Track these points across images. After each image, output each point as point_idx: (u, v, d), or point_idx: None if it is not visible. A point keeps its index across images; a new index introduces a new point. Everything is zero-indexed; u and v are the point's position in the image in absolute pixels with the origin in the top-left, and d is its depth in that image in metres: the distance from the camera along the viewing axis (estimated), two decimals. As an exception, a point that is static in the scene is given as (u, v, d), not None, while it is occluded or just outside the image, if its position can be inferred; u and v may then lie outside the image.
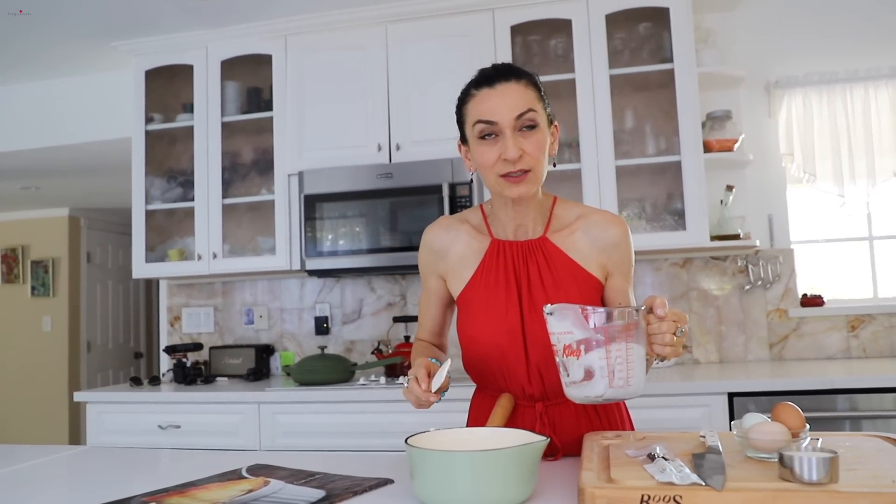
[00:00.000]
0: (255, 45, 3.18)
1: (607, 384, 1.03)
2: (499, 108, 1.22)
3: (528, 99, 1.23)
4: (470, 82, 1.30)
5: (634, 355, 1.04)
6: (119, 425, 2.86)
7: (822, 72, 2.98)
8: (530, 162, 1.23)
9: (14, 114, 3.88)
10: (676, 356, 1.09)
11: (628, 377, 1.03)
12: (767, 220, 3.02)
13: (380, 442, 2.55)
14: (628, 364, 1.03)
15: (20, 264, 6.13)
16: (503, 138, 1.22)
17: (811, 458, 0.86)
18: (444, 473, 0.93)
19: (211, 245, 3.16)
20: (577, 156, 2.91)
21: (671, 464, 0.95)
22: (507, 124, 1.21)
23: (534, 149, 1.23)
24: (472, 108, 1.26)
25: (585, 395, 1.05)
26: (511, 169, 1.22)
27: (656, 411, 2.34)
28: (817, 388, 2.30)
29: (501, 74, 1.25)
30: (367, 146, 3.00)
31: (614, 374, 1.03)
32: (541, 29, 3.05)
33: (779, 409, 1.03)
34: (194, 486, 1.15)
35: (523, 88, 1.24)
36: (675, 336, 1.05)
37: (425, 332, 1.49)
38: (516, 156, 1.21)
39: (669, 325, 1.04)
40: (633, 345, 1.03)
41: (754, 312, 2.99)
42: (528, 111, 1.22)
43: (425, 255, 1.44)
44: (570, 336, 1.04)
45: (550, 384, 1.30)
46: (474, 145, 1.27)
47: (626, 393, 1.05)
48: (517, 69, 1.27)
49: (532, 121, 1.23)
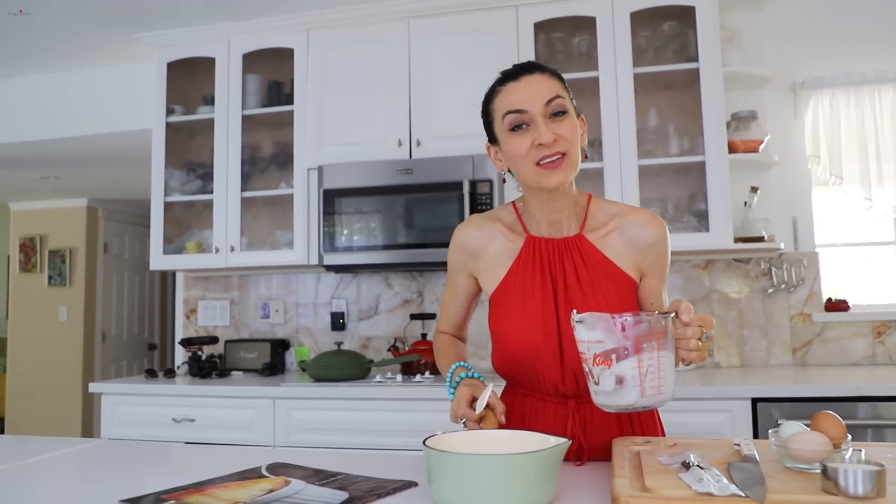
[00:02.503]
0: (278, 38, 3.16)
1: (639, 393, 1.01)
2: (527, 97, 1.22)
3: (554, 87, 1.24)
4: (495, 81, 1.31)
5: (666, 363, 1.02)
6: (133, 417, 2.86)
7: (849, 73, 2.93)
8: (565, 145, 1.22)
9: (36, 104, 3.89)
10: (702, 360, 1.07)
11: (660, 385, 1.01)
12: (792, 223, 2.97)
13: (395, 440, 2.53)
14: (660, 372, 1.01)
15: (38, 253, 6.16)
16: (535, 125, 1.22)
17: (857, 471, 0.82)
18: (465, 476, 0.90)
19: (229, 238, 3.15)
20: (599, 155, 2.87)
21: (707, 473, 0.92)
22: (538, 111, 1.22)
23: (567, 132, 1.22)
24: (500, 102, 1.26)
25: (616, 403, 1.03)
26: (546, 153, 1.21)
27: (678, 416, 2.29)
28: (843, 394, 2.25)
29: (525, 69, 1.26)
30: (387, 141, 2.98)
31: (646, 382, 1.00)
32: (564, 26, 3.01)
33: (819, 417, 1.00)
34: (213, 485, 1.13)
35: (548, 79, 1.25)
36: (700, 341, 1.03)
37: (448, 325, 1.52)
38: (551, 139, 1.20)
39: (695, 330, 1.03)
40: (664, 353, 1.01)
41: (777, 316, 2.94)
42: (556, 97, 1.23)
43: (457, 253, 1.43)
44: (601, 346, 1.02)
45: (584, 384, 1.26)
46: (505, 138, 1.26)
47: (658, 401, 1.03)
48: (541, 64, 1.28)
49: (561, 106, 1.23)
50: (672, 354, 1.03)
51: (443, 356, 1.45)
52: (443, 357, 1.44)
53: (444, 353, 1.45)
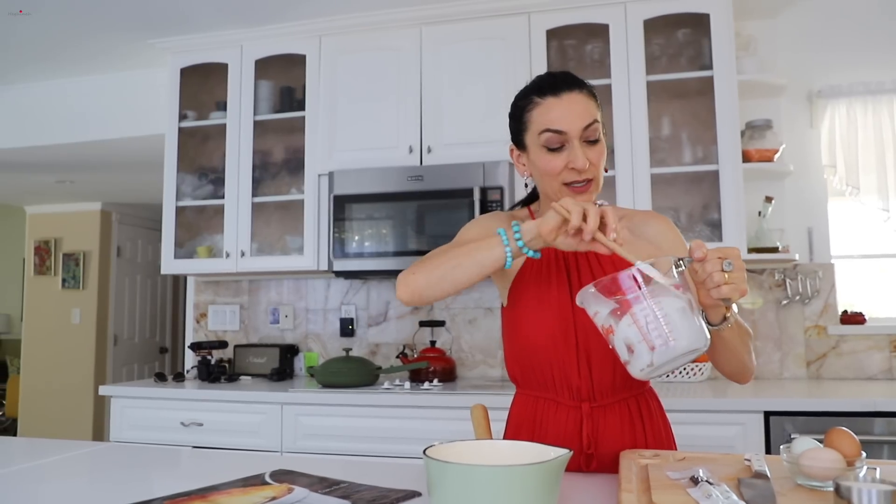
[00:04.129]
0: (290, 44, 3.17)
1: (648, 349, 0.95)
2: (567, 118, 1.22)
3: (591, 110, 1.24)
4: (530, 88, 1.28)
5: (666, 308, 0.95)
6: (142, 420, 2.86)
7: (867, 81, 2.89)
8: (594, 171, 1.24)
9: (51, 108, 3.93)
10: (742, 294, 0.99)
11: (669, 334, 0.94)
12: (807, 234, 2.93)
13: (403, 448, 2.52)
14: (663, 319, 0.94)
15: (52, 256, 6.21)
16: (570, 147, 1.22)
17: (872, 491, 0.79)
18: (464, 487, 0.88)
19: (239, 243, 3.16)
20: (611, 163, 2.85)
21: (716, 489, 0.90)
22: (575, 134, 1.22)
23: (598, 159, 1.24)
24: (538, 116, 1.25)
25: (639, 369, 0.97)
26: (577, 178, 1.23)
27: (689, 427, 2.27)
28: (859, 409, 2.21)
29: (565, 83, 1.25)
30: (398, 148, 2.97)
31: (651, 336, 0.95)
32: (577, 33, 3.00)
33: (833, 434, 0.97)
34: (216, 491, 1.12)
35: (586, 99, 1.25)
36: (725, 273, 0.98)
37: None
38: (585, 165, 1.21)
39: (713, 262, 0.98)
40: (661, 299, 0.95)
41: (791, 328, 2.90)
42: (594, 122, 1.23)
43: (485, 222, 1.36)
44: (600, 316, 0.99)
45: (598, 378, 1.27)
46: (538, 153, 1.26)
47: (674, 351, 0.95)
48: (578, 78, 1.27)
49: (596, 132, 1.24)
50: (677, 299, 0.96)
51: (455, 246, 1.21)
52: (456, 247, 1.19)
53: (455, 246, 1.22)
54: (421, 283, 1.18)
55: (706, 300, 1.03)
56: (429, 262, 1.19)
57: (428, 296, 1.19)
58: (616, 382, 1.26)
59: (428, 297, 1.19)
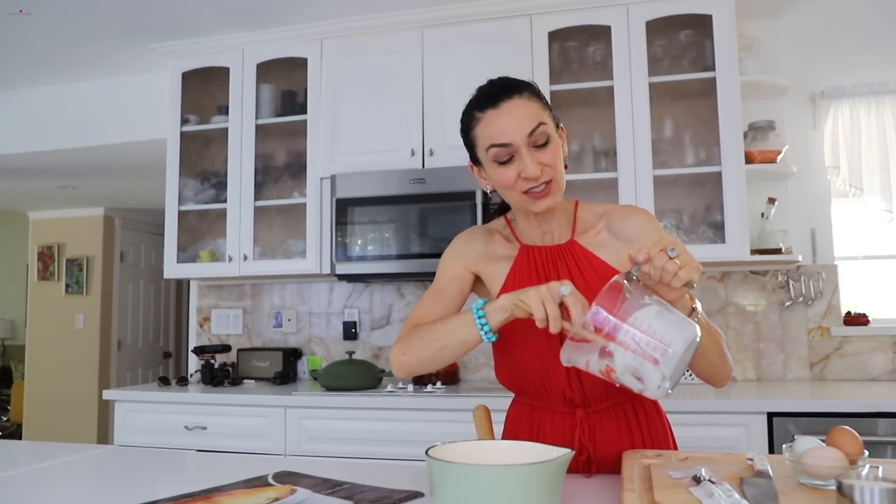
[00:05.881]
0: (291, 48, 3.18)
1: (653, 366, 0.94)
2: (509, 129, 1.19)
3: (535, 113, 1.20)
4: (471, 102, 1.25)
5: (645, 320, 0.94)
6: (146, 424, 2.86)
7: (870, 82, 2.89)
8: (550, 173, 1.21)
9: (52, 114, 3.94)
10: (698, 270, 0.98)
11: (661, 342, 0.93)
12: (810, 235, 2.93)
13: (406, 451, 2.52)
14: (648, 334, 0.94)
15: (56, 262, 6.23)
16: (519, 157, 1.19)
17: (874, 489, 0.79)
18: (467, 487, 0.88)
19: (242, 247, 3.16)
20: (613, 164, 2.86)
21: (719, 488, 0.89)
22: (522, 143, 1.19)
23: (551, 159, 1.20)
24: (482, 131, 1.22)
25: (657, 387, 0.95)
26: (533, 185, 1.20)
27: (692, 429, 2.27)
28: (863, 410, 2.21)
29: (504, 91, 1.21)
30: (400, 151, 2.97)
31: (647, 352, 0.94)
32: (579, 35, 3.00)
33: (835, 433, 0.97)
34: (219, 492, 1.12)
35: (528, 102, 1.20)
36: (675, 260, 0.96)
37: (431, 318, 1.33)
38: (537, 173, 1.19)
39: (659, 256, 0.97)
40: (635, 315, 0.95)
41: (794, 330, 2.89)
42: (539, 126, 1.19)
43: (459, 248, 1.38)
44: (593, 363, 0.98)
45: (590, 387, 1.25)
46: (490, 168, 1.24)
47: (676, 353, 0.93)
48: (516, 82, 1.23)
49: (544, 135, 1.20)
50: (652, 306, 0.96)
51: (436, 324, 1.24)
52: (437, 325, 1.23)
53: (436, 323, 1.24)
54: (413, 364, 1.24)
55: (669, 296, 1.02)
56: (416, 341, 1.23)
57: (422, 372, 1.26)
58: (609, 388, 1.25)
59: (422, 373, 1.26)
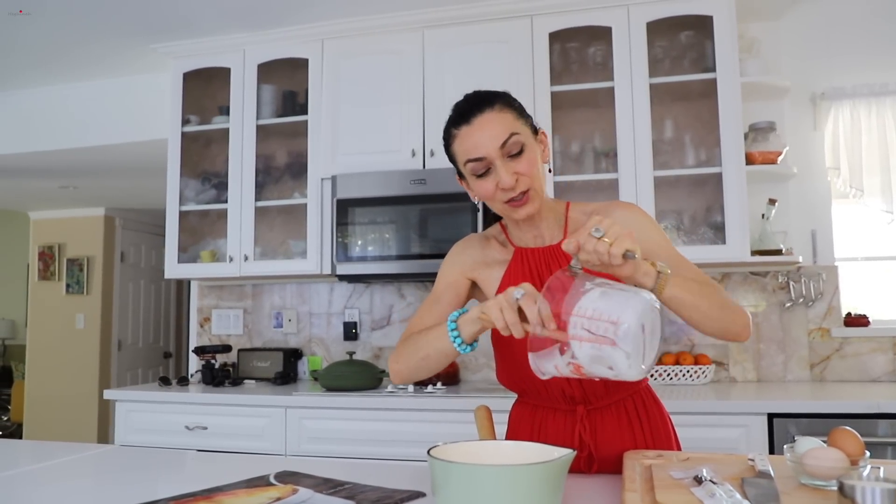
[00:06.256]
0: (292, 48, 3.18)
1: (613, 349, 0.92)
2: (482, 143, 1.22)
3: (506, 124, 1.22)
4: (448, 121, 1.29)
5: (590, 305, 0.93)
6: (147, 424, 2.86)
7: (871, 83, 2.89)
8: (527, 182, 1.23)
9: (53, 114, 3.94)
10: (631, 237, 0.98)
11: (611, 323, 0.91)
12: (811, 236, 2.93)
13: (407, 451, 2.52)
14: (595, 318, 0.92)
15: (56, 262, 6.23)
16: (495, 168, 1.22)
17: (875, 489, 0.79)
18: (469, 487, 0.88)
19: (242, 247, 3.16)
20: (614, 165, 2.86)
21: (720, 488, 0.90)
22: (495, 155, 1.22)
23: (526, 168, 1.23)
24: (459, 147, 1.26)
25: (627, 368, 0.93)
26: (511, 195, 1.23)
27: (692, 430, 2.27)
28: (863, 411, 2.21)
29: (475, 106, 1.24)
30: (401, 151, 2.98)
31: (602, 335, 0.92)
32: (580, 36, 3.01)
33: (836, 433, 0.97)
34: (221, 492, 1.12)
35: (498, 114, 1.23)
36: (604, 239, 0.98)
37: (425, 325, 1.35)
38: (511, 183, 1.21)
39: (588, 240, 0.98)
40: (579, 304, 0.94)
41: (795, 331, 2.89)
42: (511, 136, 1.22)
43: (455, 256, 1.40)
44: (561, 365, 0.98)
45: (590, 385, 1.27)
46: (471, 181, 1.27)
47: (630, 327, 0.91)
48: (488, 95, 1.26)
49: (517, 145, 1.22)
50: (589, 291, 0.95)
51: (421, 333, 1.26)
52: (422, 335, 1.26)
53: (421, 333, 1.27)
54: (405, 373, 1.29)
55: (620, 273, 1.02)
56: (405, 350, 1.28)
57: (415, 380, 1.30)
58: (608, 385, 1.27)
59: (415, 380, 1.31)
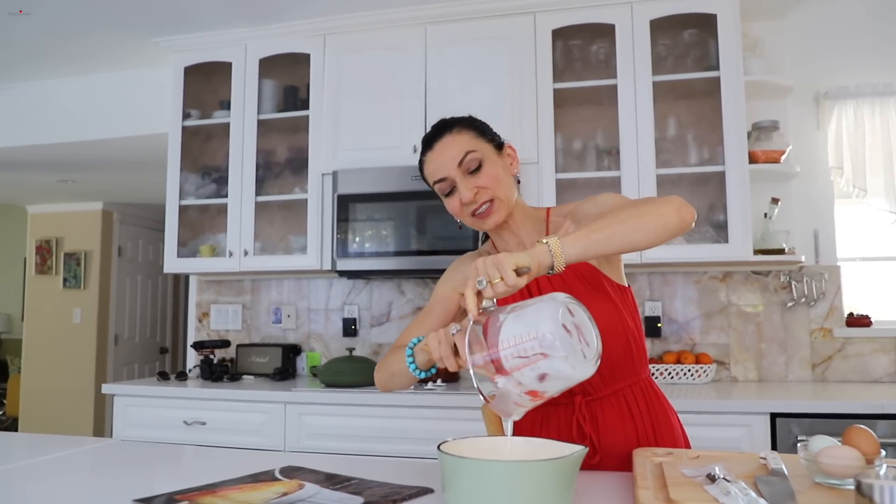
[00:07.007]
0: (294, 43, 3.16)
1: (550, 361, 0.91)
2: (441, 165, 1.31)
3: (463, 144, 1.31)
4: (421, 150, 1.38)
5: (510, 333, 0.94)
6: (145, 419, 2.85)
7: (875, 83, 2.88)
8: (488, 193, 1.30)
9: (53, 107, 3.92)
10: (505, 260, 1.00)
11: (533, 340, 0.91)
12: (813, 235, 2.92)
13: (406, 448, 2.50)
14: (520, 342, 0.93)
15: (53, 256, 6.20)
16: (457, 186, 1.31)
17: (894, 488, 0.79)
18: (480, 484, 0.87)
19: (242, 242, 3.14)
20: (616, 163, 2.85)
21: (734, 486, 0.89)
22: (455, 174, 1.30)
23: (487, 181, 1.30)
24: (427, 172, 1.36)
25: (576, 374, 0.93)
26: (474, 207, 1.31)
27: (694, 429, 2.23)
28: (865, 411, 2.20)
29: (438, 133, 1.34)
30: (402, 147, 2.96)
31: (531, 353, 0.91)
32: (583, 33, 2.99)
33: (851, 432, 0.96)
34: (226, 486, 1.11)
35: (456, 136, 1.32)
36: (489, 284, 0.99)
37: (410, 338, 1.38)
38: (471, 197, 1.29)
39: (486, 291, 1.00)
40: (500, 338, 0.94)
41: (797, 331, 2.89)
42: (467, 154, 1.30)
43: (448, 273, 1.46)
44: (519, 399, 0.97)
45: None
46: (444, 200, 1.36)
47: (553, 339, 0.91)
48: (447, 122, 1.35)
49: (474, 161, 1.30)
50: (507, 320, 0.95)
51: (397, 350, 1.33)
52: (396, 352, 1.32)
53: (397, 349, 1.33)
54: (382, 383, 1.35)
55: (533, 279, 1.07)
56: (384, 363, 1.34)
57: (392, 390, 1.36)
58: (605, 374, 1.28)
59: (392, 390, 1.36)
